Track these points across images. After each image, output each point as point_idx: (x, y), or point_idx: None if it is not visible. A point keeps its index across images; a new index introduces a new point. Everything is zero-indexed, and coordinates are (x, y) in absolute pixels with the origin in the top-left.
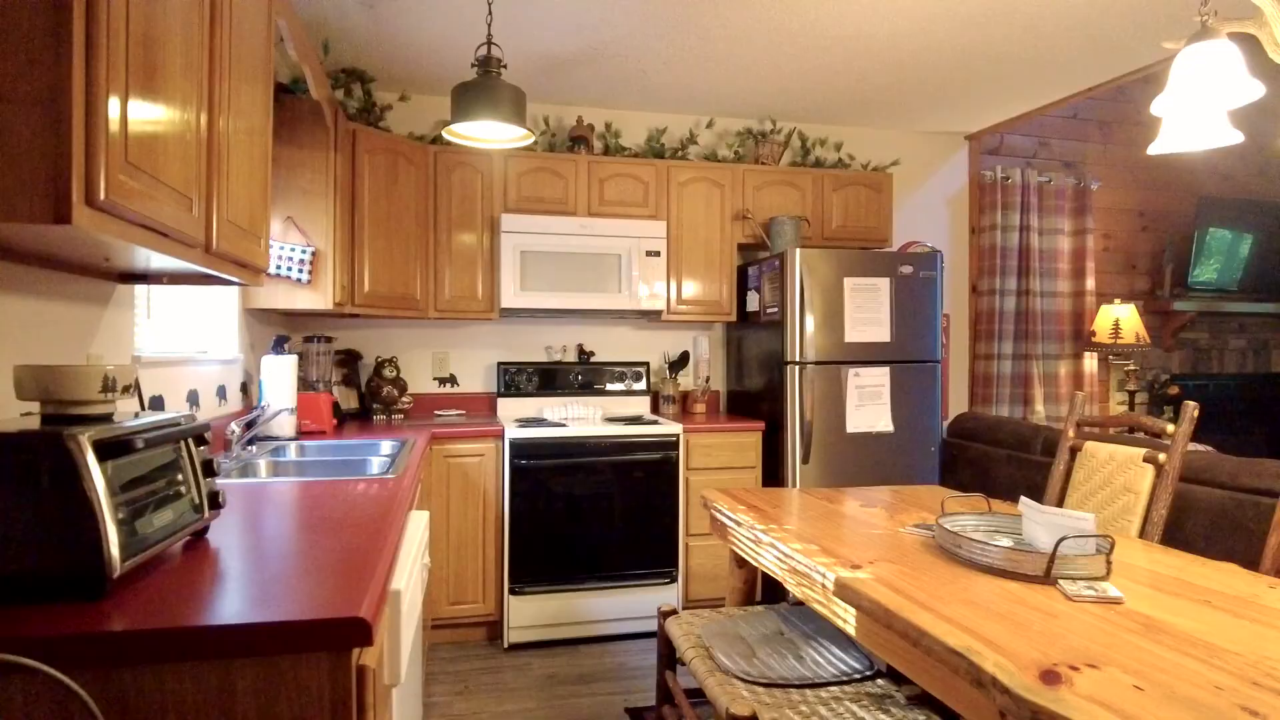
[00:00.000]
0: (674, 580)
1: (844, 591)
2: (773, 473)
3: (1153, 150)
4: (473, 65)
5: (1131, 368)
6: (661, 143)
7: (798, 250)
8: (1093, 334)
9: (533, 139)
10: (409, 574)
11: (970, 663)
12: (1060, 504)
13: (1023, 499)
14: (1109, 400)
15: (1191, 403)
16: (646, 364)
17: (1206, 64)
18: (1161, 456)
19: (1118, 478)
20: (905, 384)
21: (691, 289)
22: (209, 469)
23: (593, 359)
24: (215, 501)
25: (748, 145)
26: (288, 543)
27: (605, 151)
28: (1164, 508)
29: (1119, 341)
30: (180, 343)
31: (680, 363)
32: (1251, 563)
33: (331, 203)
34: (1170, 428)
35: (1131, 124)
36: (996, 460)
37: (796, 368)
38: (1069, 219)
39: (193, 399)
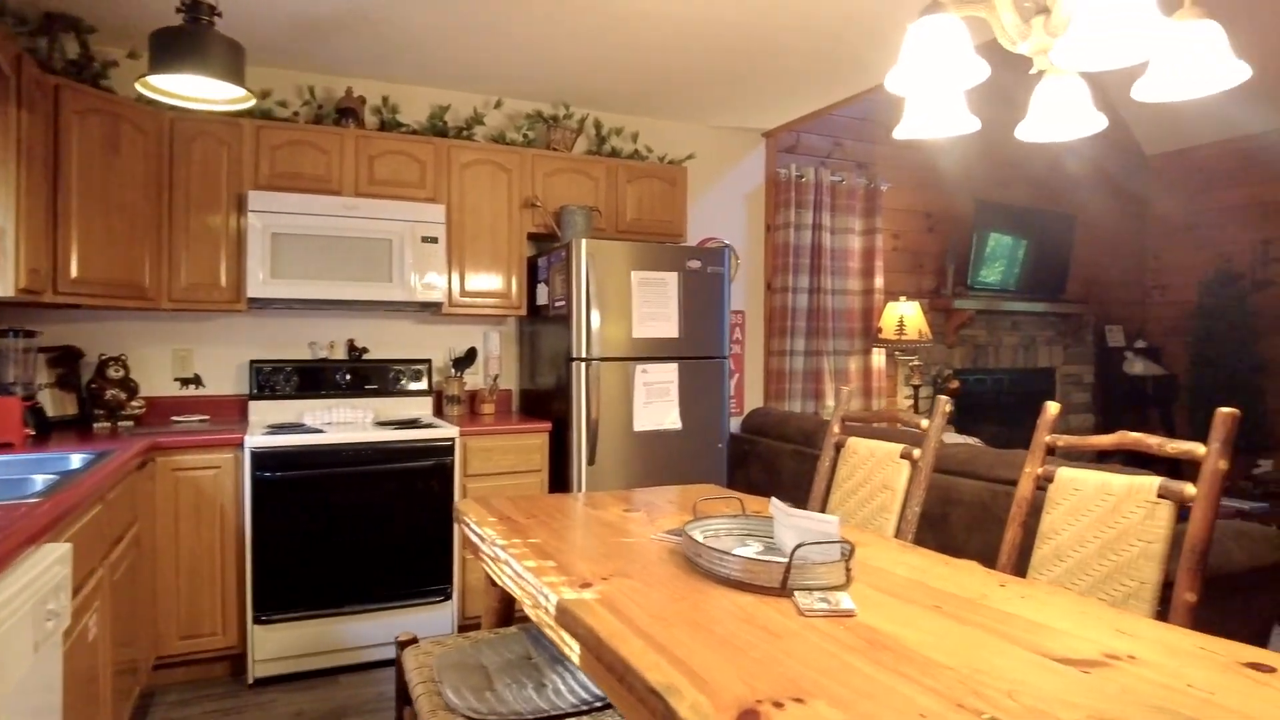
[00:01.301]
0: (449, 598)
1: (563, 617)
2: (560, 476)
3: (897, 134)
4: (178, 10)
5: (916, 363)
6: (444, 121)
7: (584, 241)
8: (880, 331)
9: (251, 101)
10: None
11: (666, 705)
12: (825, 502)
13: (773, 500)
14: (897, 394)
15: (944, 397)
16: (429, 361)
17: (934, 39)
18: (916, 452)
19: (876, 474)
20: (694, 380)
21: (477, 280)
22: None
23: (366, 356)
24: None
25: (539, 129)
26: None
27: (382, 128)
28: (918, 504)
29: (903, 338)
30: None
31: (467, 360)
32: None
33: (12, 170)
34: (925, 422)
35: None
36: (784, 455)
37: (583, 364)
38: (860, 219)
39: None
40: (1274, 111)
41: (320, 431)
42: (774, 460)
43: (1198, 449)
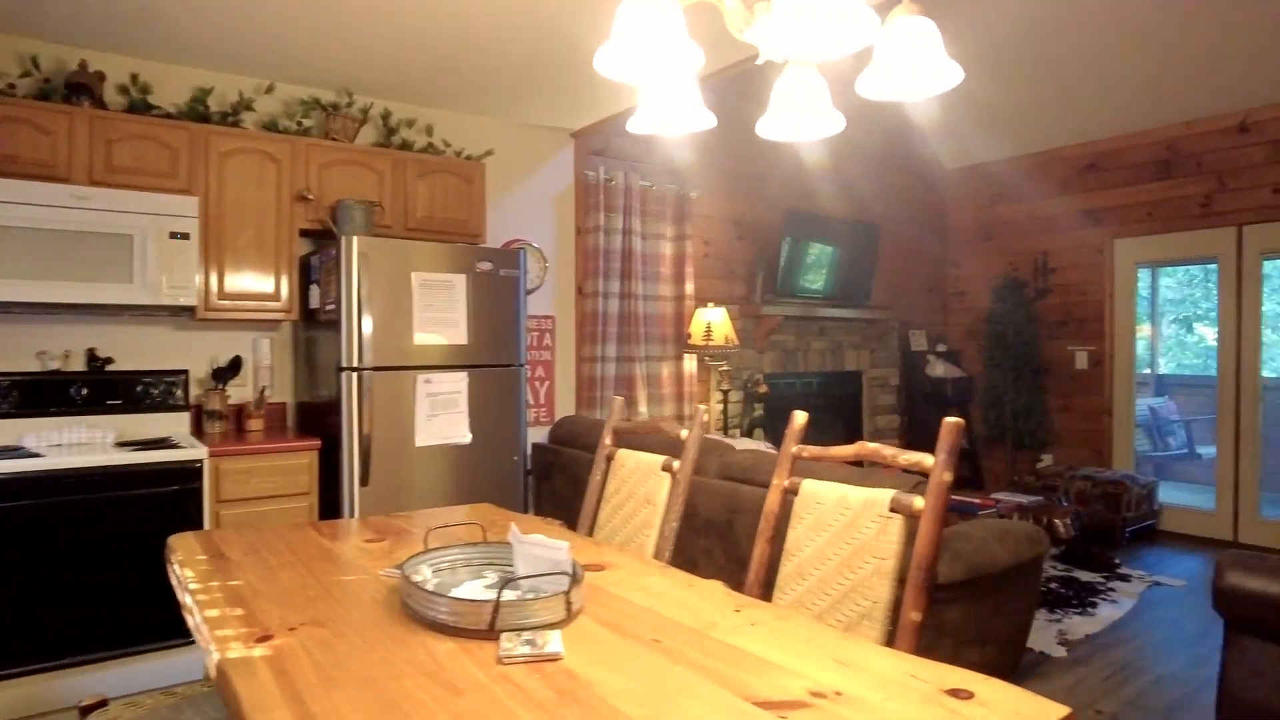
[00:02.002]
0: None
1: (220, 680)
2: (333, 499)
3: (631, 128)
4: None
5: (725, 368)
6: (206, 105)
7: (355, 239)
8: (689, 337)
9: None
10: None
11: None
12: (595, 518)
13: (512, 527)
14: (710, 399)
15: (702, 405)
16: (186, 373)
17: (645, 21)
18: (676, 464)
19: (640, 488)
20: (487, 390)
21: (239, 281)
22: None
23: (110, 368)
24: None
25: (317, 118)
26: None
27: (130, 109)
28: (675, 519)
29: (710, 344)
30: None
31: (231, 370)
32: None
33: None
34: (685, 433)
35: (728, 136)
36: (587, 465)
37: (354, 374)
38: (671, 224)
39: None
40: (1055, 131)
41: (39, 455)
42: (579, 470)
43: (926, 460)
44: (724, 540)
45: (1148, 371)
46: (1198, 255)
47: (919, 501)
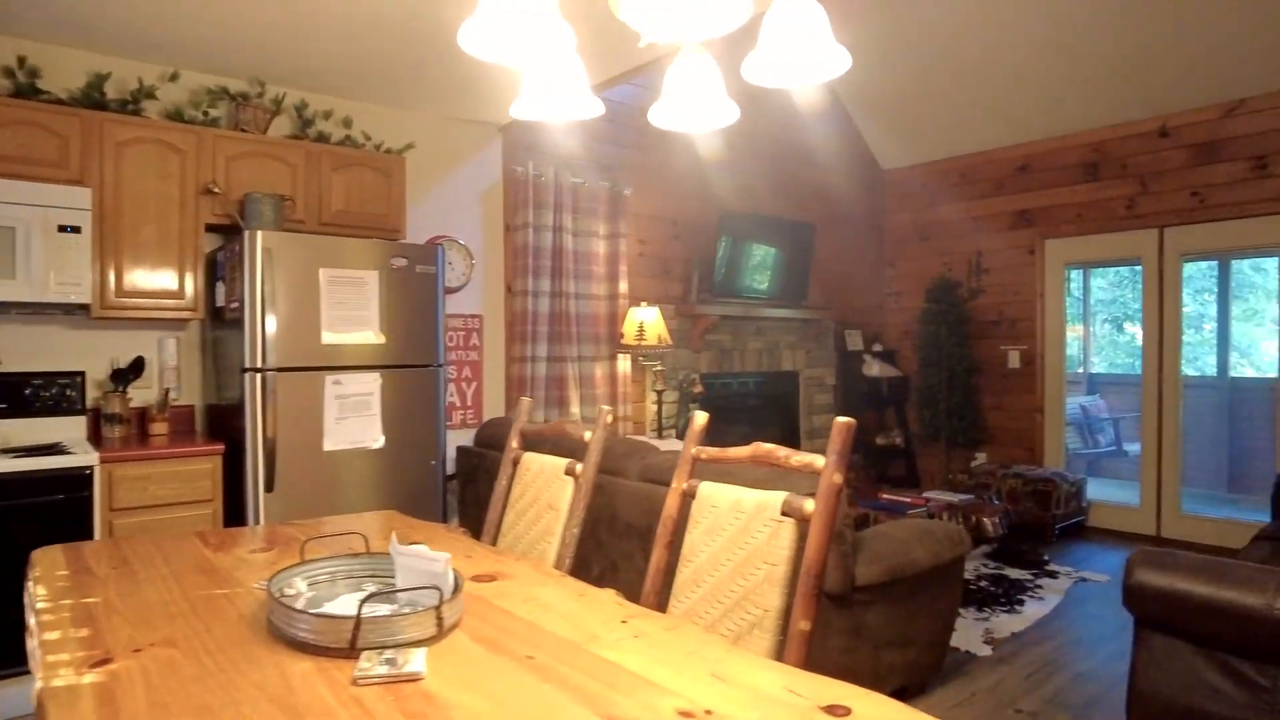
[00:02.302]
0: None
1: (38, 710)
2: (238, 506)
3: (514, 113)
4: None
5: (659, 368)
6: (103, 92)
7: (260, 233)
8: (622, 336)
9: None
10: None
11: None
12: (500, 525)
13: (392, 537)
14: (645, 399)
15: (606, 407)
16: (82, 375)
17: None
18: (580, 467)
19: (544, 493)
20: (402, 392)
21: (139, 278)
22: None
23: None
24: None
25: (225, 108)
26: None
27: (17, 94)
28: (577, 526)
29: (643, 343)
30: None
31: (132, 372)
32: None
33: None
34: (589, 435)
35: (664, 133)
36: None
37: (258, 375)
38: (604, 222)
39: None
40: (988, 133)
41: None
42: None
43: (816, 461)
44: (645, 544)
45: (1080, 370)
46: (1123, 256)
47: (810, 504)
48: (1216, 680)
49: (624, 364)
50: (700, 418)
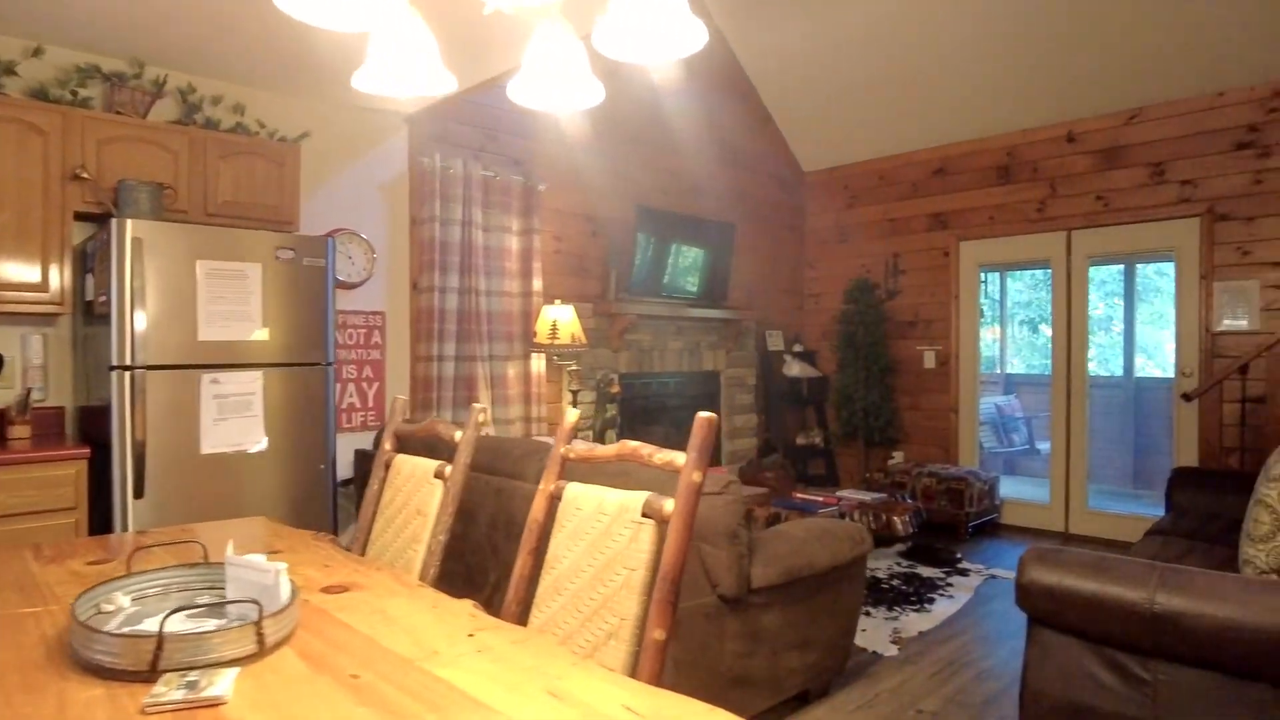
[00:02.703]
0: None
1: None
2: (106, 513)
3: (355, 84)
4: None
5: (574, 368)
6: None
7: (129, 221)
8: (535, 334)
9: None
10: None
11: None
12: (370, 532)
13: (228, 546)
14: (561, 400)
15: (479, 404)
16: None
17: None
18: (449, 469)
19: (413, 498)
20: (288, 392)
21: None
22: None
23: None
24: None
25: (98, 88)
26: None
27: None
28: (444, 532)
29: (556, 342)
30: None
31: None
32: None
33: None
34: (459, 434)
35: (580, 128)
36: None
37: (126, 374)
38: (517, 217)
39: None
40: (907, 135)
41: None
42: None
43: (678, 459)
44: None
45: (997, 371)
46: (1033, 259)
47: (670, 505)
48: (1102, 675)
49: (538, 364)
50: (570, 414)
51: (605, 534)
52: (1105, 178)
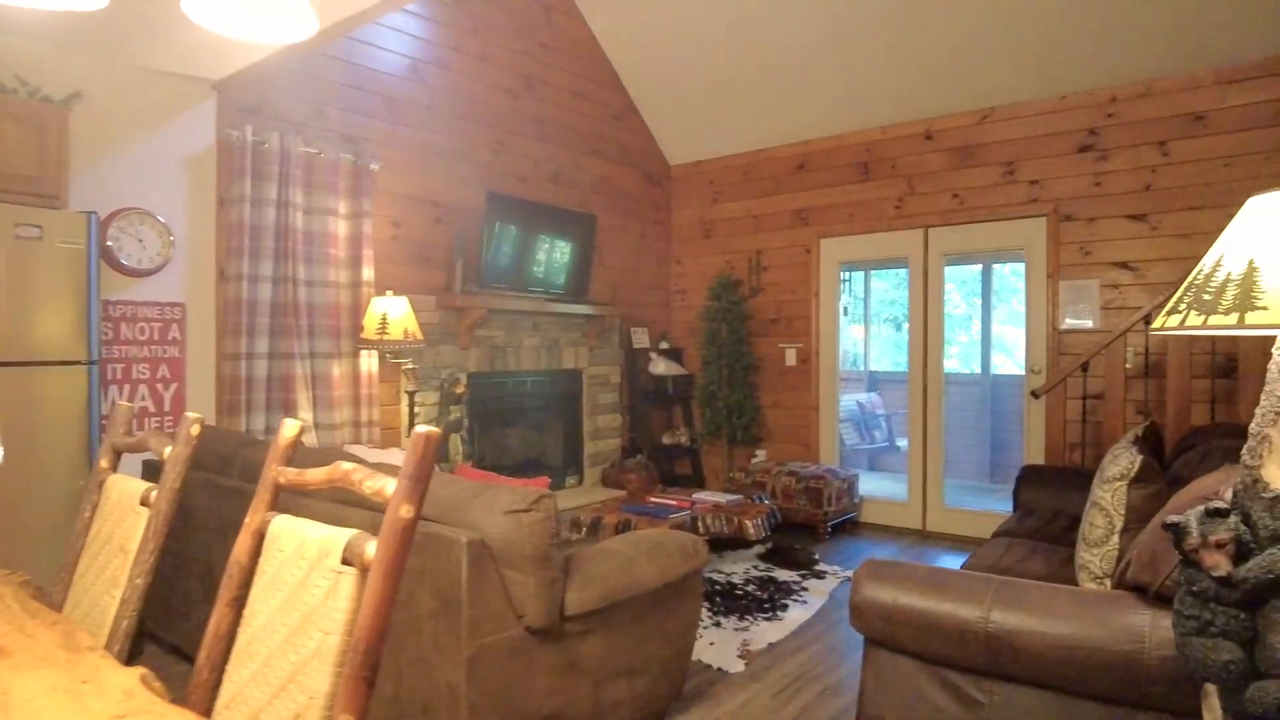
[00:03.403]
0: None
1: None
2: None
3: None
4: None
5: (410, 366)
6: None
7: None
8: (363, 330)
9: None
10: None
11: None
12: (75, 571)
13: None
14: (399, 402)
15: (193, 414)
16: None
17: None
18: (155, 494)
19: (118, 530)
20: (32, 396)
21: None
22: None
23: None
24: None
25: None
26: None
27: None
28: (144, 575)
29: (385, 338)
30: None
31: None
32: None
33: None
34: (169, 450)
35: (423, 106)
36: (196, 489)
37: None
38: (345, 199)
39: None
40: (770, 130)
41: None
42: (202, 499)
43: (388, 487)
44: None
45: (862, 369)
46: (891, 257)
47: (372, 549)
48: (938, 697)
49: (370, 362)
50: (289, 427)
51: (303, 584)
52: (960, 176)
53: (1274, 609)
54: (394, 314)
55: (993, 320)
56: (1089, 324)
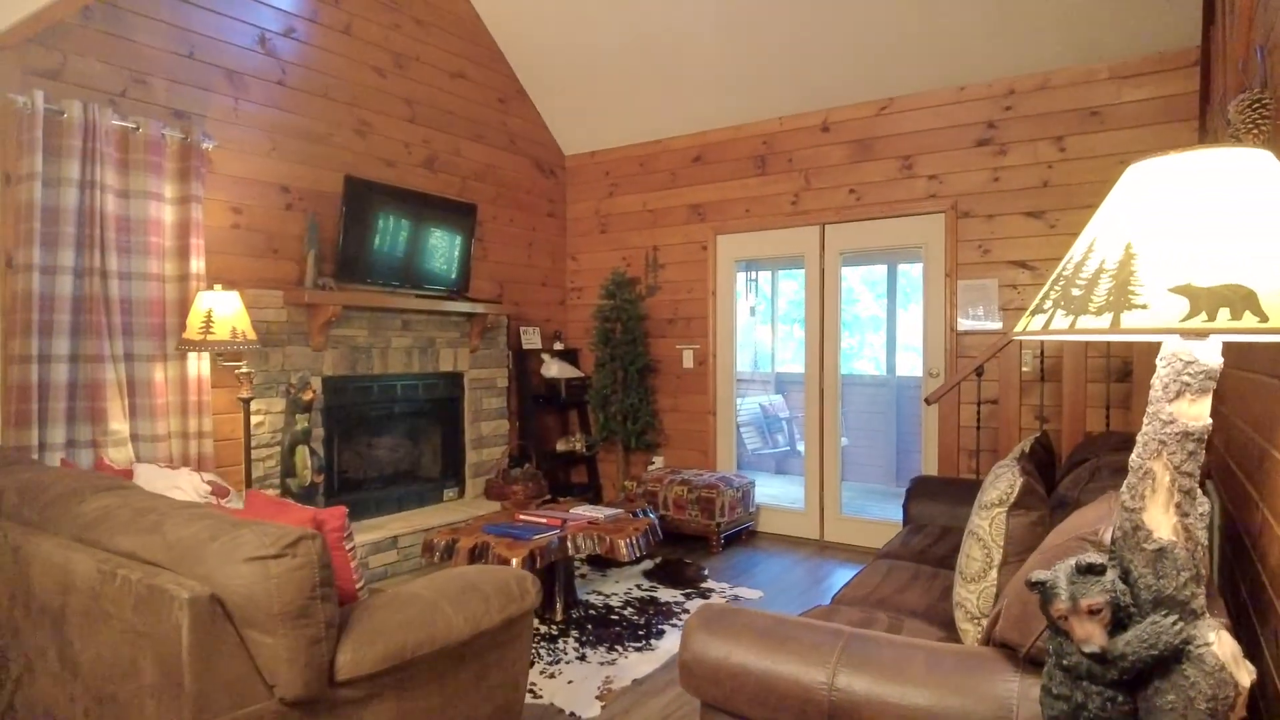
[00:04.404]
0: None
1: None
2: None
3: None
4: None
5: (244, 370)
6: None
7: None
8: (185, 329)
9: None
10: None
11: None
12: None
13: None
14: (238, 411)
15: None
16: None
17: None
18: None
19: None
20: None
21: None
22: None
23: None
24: None
25: None
26: None
27: None
28: None
29: (210, 338)
30: None
31: None
32: None
33: None
34: None
35: (272, 82)
36: None
37: None
38: (171, 182)
39: None
40: (665, 121)
41: None
42: None
43: None
44: (60, 633)
45: (769, 371)
46: (788, 254)
47: None
48: None
49: (201, 365)
50: None
51: None
52: (858, 170)
53: (1157, 691)
54: (221, 311)
55: (899, 321)
56: (989, 325)
